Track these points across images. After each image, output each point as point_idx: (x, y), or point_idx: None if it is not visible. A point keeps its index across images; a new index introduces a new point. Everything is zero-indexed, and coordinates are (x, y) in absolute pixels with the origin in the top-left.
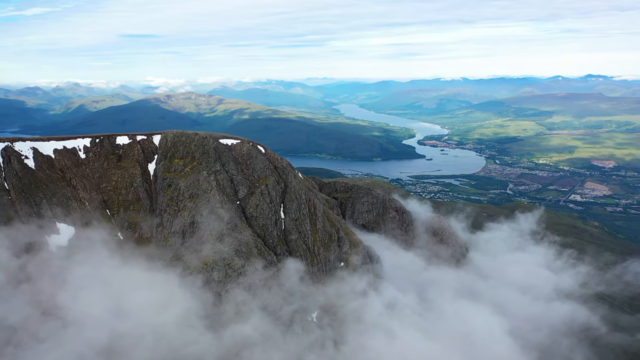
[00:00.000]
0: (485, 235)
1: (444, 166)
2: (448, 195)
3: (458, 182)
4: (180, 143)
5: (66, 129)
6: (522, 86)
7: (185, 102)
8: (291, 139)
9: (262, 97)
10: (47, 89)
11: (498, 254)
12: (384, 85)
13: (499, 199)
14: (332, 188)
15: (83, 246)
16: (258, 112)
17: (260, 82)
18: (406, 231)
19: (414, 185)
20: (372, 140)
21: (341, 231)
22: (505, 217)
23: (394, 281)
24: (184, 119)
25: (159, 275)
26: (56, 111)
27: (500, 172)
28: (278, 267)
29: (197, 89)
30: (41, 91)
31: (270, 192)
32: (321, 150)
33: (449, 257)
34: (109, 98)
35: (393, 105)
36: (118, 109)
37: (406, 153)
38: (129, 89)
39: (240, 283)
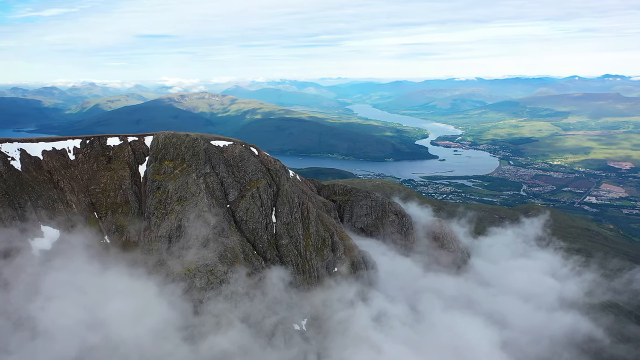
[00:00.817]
0: (489, 240)
1: (456, 167)
2: (460, 196)
3: (471, 183)
4: (170, 145)
5: (81, 128)
6: (537, 86)
7: (199, 102)
8: (303, 139)
9: (276, 97)
10: (63, 89)
11: (501, 260)
12: (397, 85)
13: (512, 200)
14: (331, 191)
15: (64, 251)
16: (270, 112)
17: (274, 82)
18: (406, 235)
19: (426, 186)
20: (385, 141)
21: (335, 236)
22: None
23: (388, 289)
24: (197, 118)
25: (138, 283)
26: (72, 111)
27: (514, 173)
28: (263, 274)
29: (210, 88)
30: (58, 91)
31: (261, 195)
32: (333, 151)
33: (450, 263)
34: (124, 98)
35: (406, 105)
36: (132, 108)
37: (419, 154)
38: (143, 88)
39: (222, 291)
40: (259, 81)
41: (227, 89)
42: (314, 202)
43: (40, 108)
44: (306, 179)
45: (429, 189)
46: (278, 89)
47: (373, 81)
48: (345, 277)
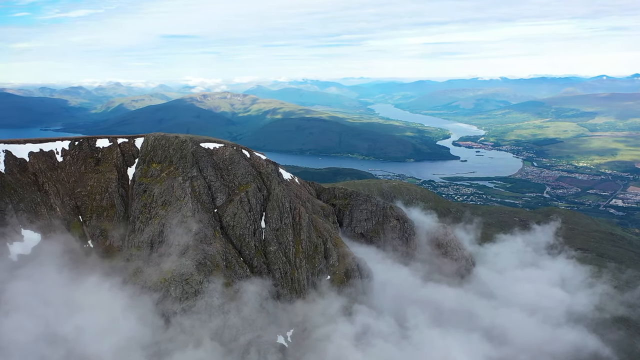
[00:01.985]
0: (496, 247)
1: (478, 168)
2: (481, 198)
3: (492, 184)
4: (159, 147)
5: (105, 127)
6: (564, 86)
7: (221, 101)
8: (323, 139)
9: (297, 96)
10: (89, 89)
11: (507, 270)
12: (420, 85)
13: (534, 202)
14: (331, 194)
15: (37, 257)
16: (291, 112)
17: (296, 82)
18: (407, 242)
19: (447, 187)
20: (405, 141)
21: (329, 242)
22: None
23: (381, 299)
24: (218, 118)
25: (109, 294)
26: (97, 110)
27: (538, 174)
28: (243, 284)
29: (233, 88)
30: (84, 90)
31: (250, 199)
32: (353, 151)
33: (453, 272)
34: (148, 97)
35: (429, 105)
36: (155, 108)
37: (440, 154)
38: (167, 88)
39: (196, 303)
40: (281, 81)
41: (249, 88)
42: (311, 207)
43: (67, 107)
44: (306, 182)
45: (449, 190)
46: (300, 88)
47: (395, 81)
48: (338, 286)
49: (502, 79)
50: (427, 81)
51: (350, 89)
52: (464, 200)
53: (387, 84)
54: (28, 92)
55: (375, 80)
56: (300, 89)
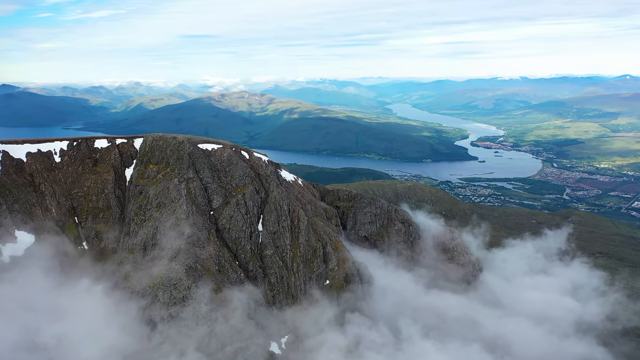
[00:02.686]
0: (505, 253)
1: (497, 169)
2: (499, 199)
3: (511, 185)
4: (157, 147)
5: (125, 126)
6: (586, 86)
7: (239, 101)
8: (340, 138)
9: (315, 96)
10: (110, 88)
11: (515, 277)
12: (438, 84)
13: (554, 204)
14: (335, 196)
15: (25, 260)
16: (308, 112)
17: (314, 82)
18: (412, 246)
19: (464, 188)
20: (423, 141)
21: (329, 246)
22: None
23: (381, 306)
24: (236, 117)
25: (95, 299)
26: (117, 109)
27: (557, 176)
28: (234, 290)
29: (250, 88)
30: (104, 90)
31: (247, 202)
32: (370, 151)
33: (459, 278)
34: (167, 97)
35: (447, 105)
36: (174, 107)
37: (458, 154)
38: (186, 87)
39: (183, 309)
40: (299, 80)
41: (266, 88)
42: (313, 209)
43: (88, 106)
44: (309, 183)
45: (466, 191)
46: (317, 88)
47: (414, 80)
48: (337, 291)
49: (522, 78)
50: (445, 81)
51: (368, 88)
52: (481, 201)
53: (405, 83)
54: (50, 92)
55: (394, 80)
56: (318, 88)
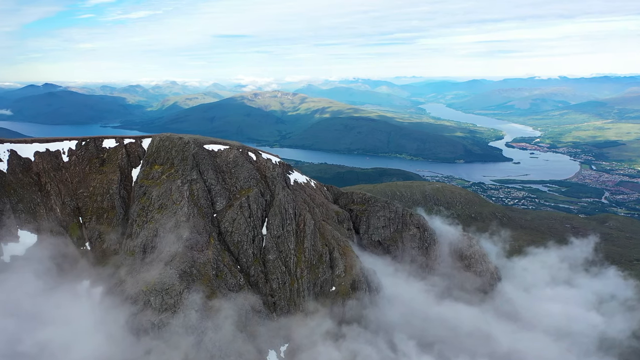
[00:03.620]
0: (526, 261)
1: (532, 171)
2: (533, 202)
3: (547, 188)
4: (163, 148)
5: (160, 124)
6: (628, 85)
7: (271, 100)
8: (371, 138)
9: (347, 95)
10: (146, 87)
11: (536, 287)
12: (474, 84)
13: (591, 208)
14: (349, 199)
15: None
16: (339, 111)
17: (347, 81)
18: (427, 252)
19: (497, 190)
20: (456, 142)
21: (336, 251)
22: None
23: (388, 317)
24: (268, 116)
25: (84, 304)
26: (153, 108)
27: (596, 179)
28: (226, 297)
29: (283, 87)
30: (141, 89)
31: (250, 204)
32: (401, 151)
33: (475, 288)
34: (201, 96)
35: (482, 105)
36: (207, 106)
37: (492, 155)
38: (220, 87)
39: (173, 316)
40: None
41: (299, 87)
42: (325, 212)
43: (125, 105)
44: (323, 185)
45: (499, 193)
46: (350, 87)
47: (448, 80)
48: (343, 298)
49: (561, 78)
50: (481, 80)
51: (401, 88)
52: (515, 204)
53: (440, 83)
54: (90, 91)
55: (427, 80)
56: (351, 88)
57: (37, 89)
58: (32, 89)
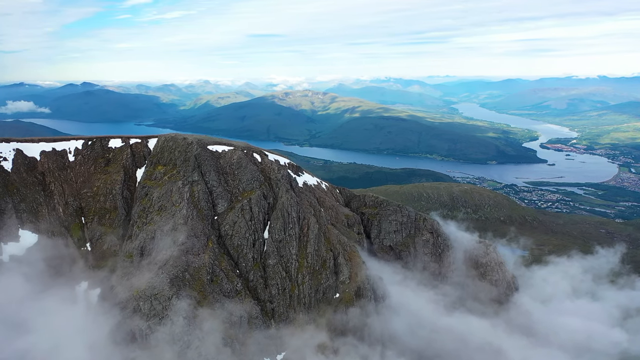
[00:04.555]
0: (546, 271)
1: (567, 173)
2: (568, 205)
3: (582, 191)
4: (166, 148)
5: (192, 123)
6: None
7: (302, 99)
8: (401, 138)
9: (379, 95)
10: (180, 86)
11: (555, 299)
12: (508, 83)
13: (629, 212)
14: (361, 202)
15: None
16: (369, 111)
17: (378, 80)
18: (440, 258)
19: (530, 193)
20: (488, 142)
21: (341, 256)
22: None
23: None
24: (298, 115)
25: (71, 310)
26: (186, 106)
27: (635, 182)
28: (218, 304)
29: (315, 86)
30: (175, 87)
31: (252, 207)
32: (432, 151)
33: (490, 299)
34: (233, 95)
35: (517, 105)
36: (239, 105)
37: (525, 157)
38: (252, 86)
39: (161, 322)
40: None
41: (330, 87)
42: (334, 215)
43: (159, 103)
44: (335, 187)
45: (532, 196)
46: (382, 86)
47: (482, 79)
48: (346, 305)
49: (600, 77)
50: (516, 80)
51: (433, 87)
52: (548, 207)
53: (473, 82)
54: (126, 89)
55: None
56: (382, 87)
57: (76, 88)
58: (71, 88)
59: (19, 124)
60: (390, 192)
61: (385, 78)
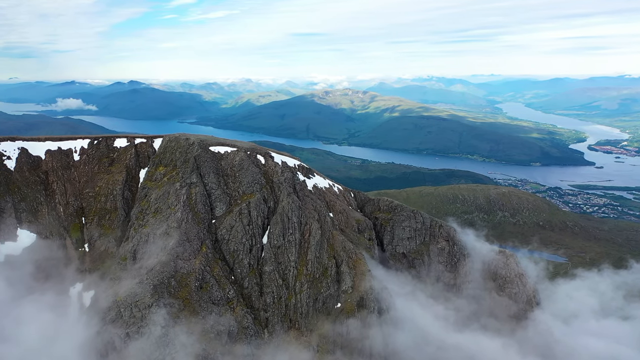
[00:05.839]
0: (571, 286)
1: (616, 176)
2: (616, 210)
3: (632, 195)
4: (169, 149)
5: (233, 121)
6: None
7: (342, 98)
8: (441, 138)
9: (420, 94)
10: (222, 84)
11: (579, 317)
12: (556, 82)
13: None
14: (375, 206)
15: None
16: (409, 110)
17: (420, 79)
18: (455, 268)
19: (575, 196)
20: (532, 143)
21: (345, 264)
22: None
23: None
24: (337, 114)
25: (49, 316)
26: (228, 105)
27: None
28: (200, 313)
29: (355, 85)
30: (217, 86)
31: (250, 211)
32: (473, 152)
33: (507, 315)
34: (274, 93)
35: (565, 105)
36: (279, 103)
37: (572, 159)
38: (293, 85)
39: (139, 331)
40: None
41: (371, 85)
42: (343, 220)
43: (202, 101)
44: (348, 190)
45: (577, 200)
46: (423, 85)
47: (529, 78)
48: (347, 316)
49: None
50: (564, 79)
51: (477, 86)
52: (594, 212)
53: (519, 81)
54: (171, 88)
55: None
56: (424, 86)
57: (123, 86)
58: (119, 86)
59: (68, 121)
60: (425, 193)
61: (428, 77)
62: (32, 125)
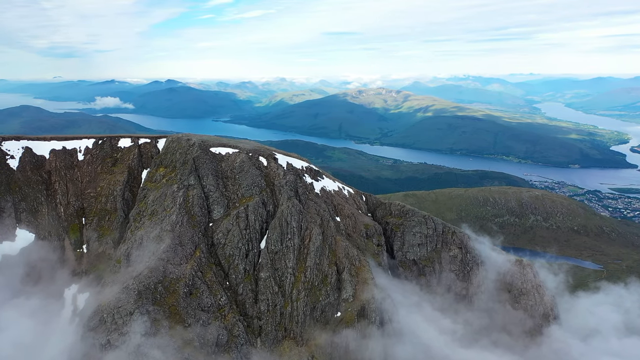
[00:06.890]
0: (593, 300)
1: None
2: None
3: None
4: (170, 149)
5: (266, 120)
6: None
7: (375, 97)
8: (476, 138)
9: (455, 93)
10: (257, 83)
11: (599, 335)
12: (598, 82)
13: None
14: (386, 210)
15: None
16: (443, 110)
17: (456, 78)
18: (468, 277)
19: (615, 200)
20: (571, 144)
21: (346, 272)
22: None
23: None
24: (370, 114)
25: (31, 322)
26: (262, 104)
27: None
28: (186, 320)
29: (389, 84)
30: (251, 85)
31: (248, 215)
32: (508, 153)
33: (522, 330)
34: (307, 92)
35: (607, 105)
36: (312, 103)
37: (613, 161)
38: (326, 83)
39: (118, 339)
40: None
41: (405, 85)
42: (351, 225)
43: (236, 100)
44: (360, 193)
45: (617, 204)
46: (459, 85)
47: (569, 77)
48: (346, 326)
49: None
50: (607, 78)
51: (515, 86)
52: (635, 217)
53: (559, 80)
54: (206, 87)
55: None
56: (460, 85)
57: (160, 85)
58: (156, 85)
59: (106, 119)
60: (454, 195)
61: (464, 76)
62: (72, 123)
